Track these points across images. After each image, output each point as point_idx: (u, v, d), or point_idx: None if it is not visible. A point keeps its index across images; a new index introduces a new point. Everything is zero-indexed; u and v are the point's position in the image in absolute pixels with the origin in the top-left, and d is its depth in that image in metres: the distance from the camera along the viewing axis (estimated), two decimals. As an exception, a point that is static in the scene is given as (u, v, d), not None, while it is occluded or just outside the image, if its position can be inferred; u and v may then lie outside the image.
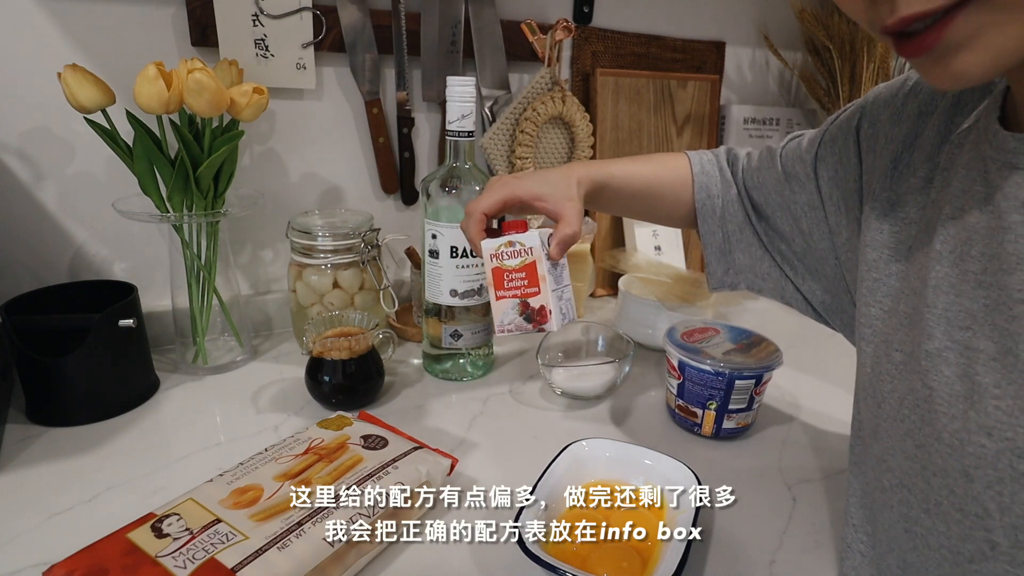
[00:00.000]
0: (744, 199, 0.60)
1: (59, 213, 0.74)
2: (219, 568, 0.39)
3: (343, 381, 0.65)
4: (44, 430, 0.61)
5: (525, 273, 0.55)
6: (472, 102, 0.65)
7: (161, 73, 0.61)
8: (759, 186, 0.58)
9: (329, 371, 0.65)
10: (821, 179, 0.51)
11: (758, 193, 0.58)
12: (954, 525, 0.33)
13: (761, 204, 0.58)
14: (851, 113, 0.49)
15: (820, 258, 0.53)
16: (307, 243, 0.74)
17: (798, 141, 0.56)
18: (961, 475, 0.32)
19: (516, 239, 0.55)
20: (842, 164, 0.49)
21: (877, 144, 0.46)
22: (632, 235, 1.03)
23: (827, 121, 0.53)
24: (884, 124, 0.45)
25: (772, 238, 0.58)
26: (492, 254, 0.55)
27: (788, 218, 0.55)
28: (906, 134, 0.43)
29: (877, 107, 0.46)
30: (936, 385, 0.34)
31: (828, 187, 0.51)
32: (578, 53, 0.97)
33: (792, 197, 0.54)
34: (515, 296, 0.55)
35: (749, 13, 1.11)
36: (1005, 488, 0.30)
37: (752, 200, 0.59)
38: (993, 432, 0.31)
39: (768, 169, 0.57)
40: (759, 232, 0.59)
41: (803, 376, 0.78)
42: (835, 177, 0.50)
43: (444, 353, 0.74)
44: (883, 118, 0.45)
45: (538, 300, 0.55)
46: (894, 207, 0.42)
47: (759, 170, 0.58)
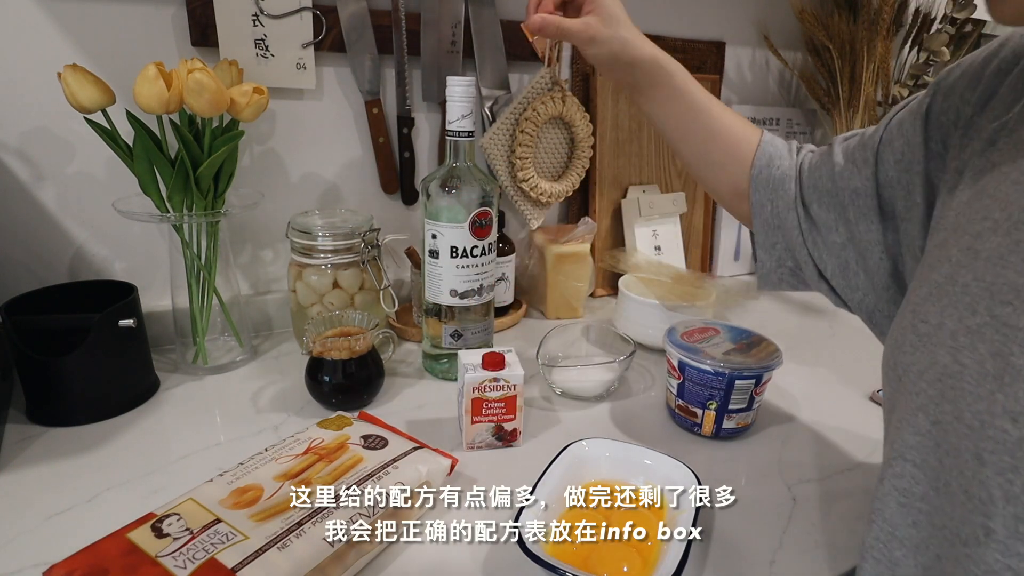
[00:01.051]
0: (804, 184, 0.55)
1: (59, 213, 0.74)
2: (219, 568, 0.39)
3: (343, 381, 0.65)
4: (44, 430, 0.61)
5: (504, 404, 0.60)
6: (472, 102, 0.66)
7: (161, 73, 0.61)
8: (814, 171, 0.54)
9: (329, 371, 0.64)
10: (883, 163, 0.48)
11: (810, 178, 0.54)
12: (958, 507, 0.32)
13: (809, 191, 0.54)
14: (923, 95, 0.47)
15: (864, 249, 0.50)
16: (307, 243, 0.74)
17: (862, 131, 0.53)
18: (973, 457, 0.31)
19: (501, 376, 0.59)
20: (909, 147, 0.46)
21: (950, 118, 0.43)
22: (632, 235, 1.03)
23: (896, 107, 0.50)
24: (960, 92, 0.42)
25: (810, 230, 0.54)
26: (475, 387, 0.58)
27: (836, 206, 0.52)
28: (980, 95, 0.40)
29: (953, 78, 0.44)
30: (969, 362, 0.32)
31: (893, 171, 0.48)
32: (578, 53, 0.97)
33: (843, 184, 0.51)
34: (491, 421, 0.60)
35: (749, 13, 1.11)
36: (1017, 477, 0.29)
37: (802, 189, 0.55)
38: (1019, 419, 0.29)
39: (826, 157, 0.54)
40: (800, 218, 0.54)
41: (803, 376, 0.78)
42: (901, 160, 0.47)
43: (444, 353, 0.74)
44: (960, 86, 0.43)
45: (512, 424, 0.61)
46: (955, 174, 0.40)
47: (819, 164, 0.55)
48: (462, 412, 0.60)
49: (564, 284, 0.93)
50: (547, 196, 0.95)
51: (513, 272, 0.92)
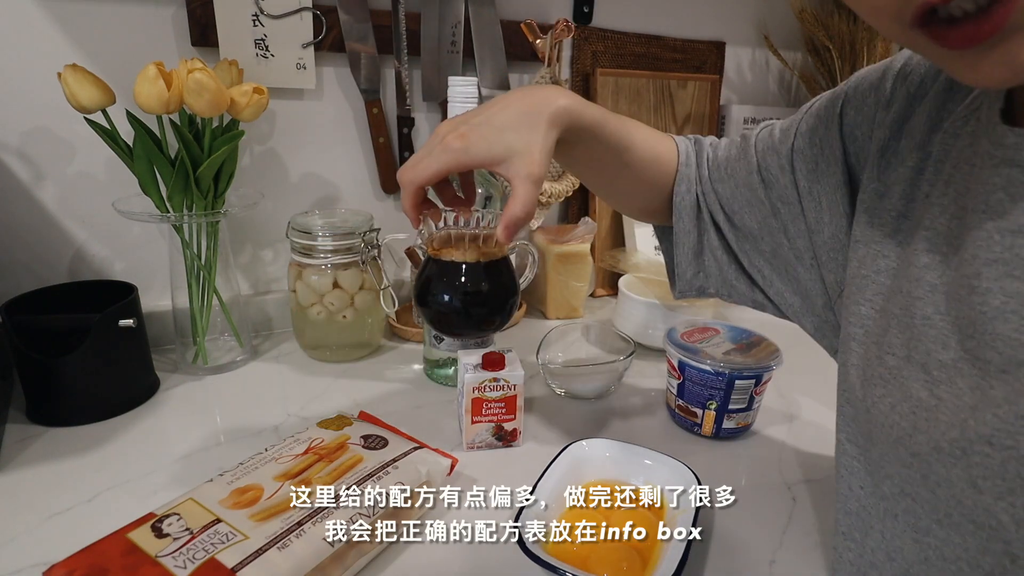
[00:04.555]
0: (709, 193, 0.53)
1: (59, 213, 0.74)
2: (219, 568, 0.39)
3: (487, 289, 0.47)
4: (44, 430, 0.61)
5: (504, 404, 0.59)
6: (473, 102, 0.65)
7: (161, 73, 0.61)
8: (727, 178, 0.52)
9: (460, 277, 0.47)
10: (798, 172, 0.47)
11: (724, 186, 0.52)
12: (970, 537, 0.31)
13: (728, 199, 0.52)
14: (831, 100, 0.45)
15: (794, 257, 0.48)
16: (307, 243, 0.74)
17: (769, 130, 0.51)
18: (969, 485, 0.30)
19: (501, 376, 0.58)
20: (824, 156, 0.45)
21: (864, 132, 0.42)
22: (632, 235, 1.03)
23: (801, 110, 0.48)
24: (871, 109, 0.42)
25: (738, 238, 0.52)
26: (475, 387, 0.58)
27: (757, 215, 0.50)
28: (894, 119, 0.40)
29: (862, 92, 0.43)
30: (947, 396, 0.32)
31: (807, 181, 0.46)
32: (578, 53, 0.97)
33: (765, 192, 0.49)
34: (491, 421, 0.59)
35: (749, 13, 1.11)
36: (1018, 500, 0.28)
37: (718, 194, 0.52)
38: (994, 440, 0.29)
39: (739, 160, 0.51)
40: (724, 232, 0.53)
41: (803, 376, 0.78)
42: (815, 170, 0.45)
43: (445, 359, 0.73)
44: (869, 103, 0.42)
45: (512, 424, 0.60)
46: (882, 199, 0.40)
47: (728, 161, 0.52)
48: (462, 412, 0.59)
49: (564, 284, 0.93)
50: (547, 196, 0.95)
51: (513, 272, 0.92)
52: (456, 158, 0.41)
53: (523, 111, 0.42)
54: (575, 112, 0.43)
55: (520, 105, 0.42)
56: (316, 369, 0.76)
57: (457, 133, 0.41)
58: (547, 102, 0.42)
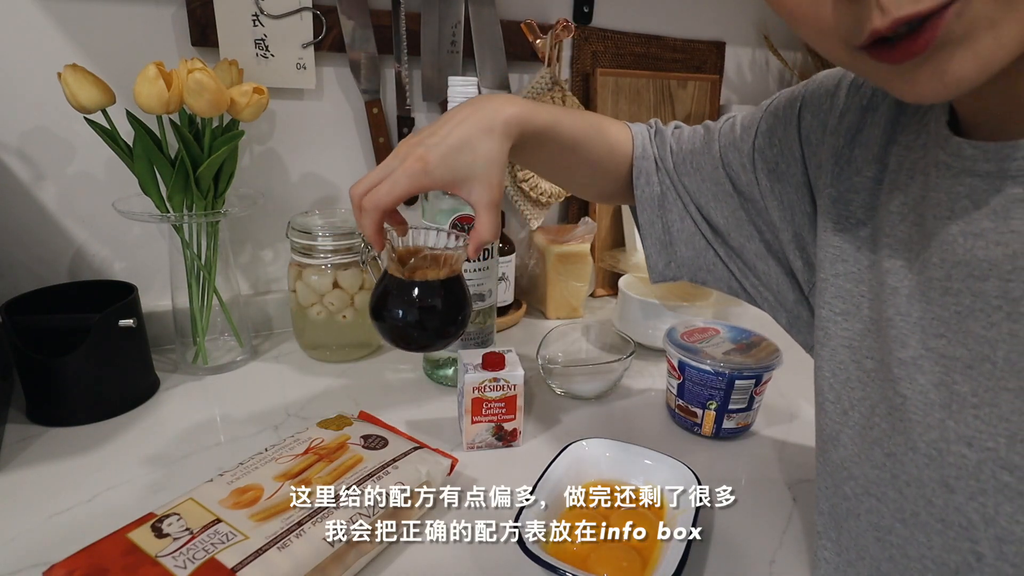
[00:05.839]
0: (678, 186, 0.53)
1: (59, 213, 0.74)
2: (219, 568, 0.39)
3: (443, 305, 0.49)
4: (44, 430, 0.61)
5: (504, 404, 0.59)
6: (472, 102, 0.65)
7: (161, 73, 0.61)
8: (693, 172, 0.52)
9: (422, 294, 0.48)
10: (760, 171, 0.47)
11: (691, 180, 0.52)
12: (935, 536, 0.32)
13: (696, 192, 0.52)
14: (789, 101, 0.46)
15: (765, 251, 0.49)
16: (307, 243, 0.74)
17: (731, 123, 0.50)
18: (940, 485, 0.32)
19: (501, 376, 0.58)
20: (784, 157, 0.45)
21: (818, 136, 0.43)
22: (632, 235, 1.03)
23: (761, 106, 0.48)
24: (825, 115, 0.43)
25: (711, 229, 0.52)
26: (475, 387, 0.58)
27: (725, 208, 0.50)
28: (848, 127, 0.41)
29: (819, 97, 0.43)
30: (909, 393, 0.33)
31: (768, 180, 0.46)
32: (578, 53, 0.97)
33: (729, 188, 0.49)
34: (491, 421, 0.60)
35: (749, 13, 1.11)
36: (989, 500, 0.30)
37: (686, 188, 0.52)
38: (973, 442, 0.30)
39: (703, 153, 0.51)
40: (697, 223, 0.52)
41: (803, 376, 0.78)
42: (776, 170, 0.46)
43: (446, 359, 0.73)
44: (824, 108, 0.43)
45: (512, 424, 0.60)
46: (836, 204, 0.41)
47: (694, 154, 0.52)
48: (462, 412, 0.60)
49: (564, 284, 0.93)
50: (547, 196, 0.95)
51: (513, 272, 0.92)
52: (418, 182, 0.42)
53: (477, 127, 0.43)
54: (525, 119, 0.44)
55: (473, 120, 0.43)
56: (316, 369, 0.76)
57: (415, 156, 0.42)
58: (497, 113, 0.43)
